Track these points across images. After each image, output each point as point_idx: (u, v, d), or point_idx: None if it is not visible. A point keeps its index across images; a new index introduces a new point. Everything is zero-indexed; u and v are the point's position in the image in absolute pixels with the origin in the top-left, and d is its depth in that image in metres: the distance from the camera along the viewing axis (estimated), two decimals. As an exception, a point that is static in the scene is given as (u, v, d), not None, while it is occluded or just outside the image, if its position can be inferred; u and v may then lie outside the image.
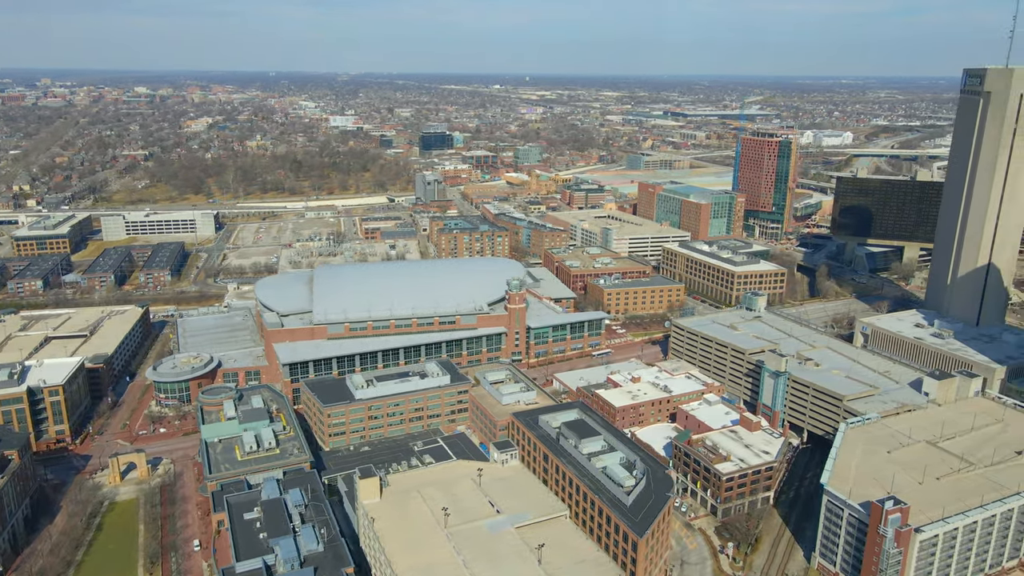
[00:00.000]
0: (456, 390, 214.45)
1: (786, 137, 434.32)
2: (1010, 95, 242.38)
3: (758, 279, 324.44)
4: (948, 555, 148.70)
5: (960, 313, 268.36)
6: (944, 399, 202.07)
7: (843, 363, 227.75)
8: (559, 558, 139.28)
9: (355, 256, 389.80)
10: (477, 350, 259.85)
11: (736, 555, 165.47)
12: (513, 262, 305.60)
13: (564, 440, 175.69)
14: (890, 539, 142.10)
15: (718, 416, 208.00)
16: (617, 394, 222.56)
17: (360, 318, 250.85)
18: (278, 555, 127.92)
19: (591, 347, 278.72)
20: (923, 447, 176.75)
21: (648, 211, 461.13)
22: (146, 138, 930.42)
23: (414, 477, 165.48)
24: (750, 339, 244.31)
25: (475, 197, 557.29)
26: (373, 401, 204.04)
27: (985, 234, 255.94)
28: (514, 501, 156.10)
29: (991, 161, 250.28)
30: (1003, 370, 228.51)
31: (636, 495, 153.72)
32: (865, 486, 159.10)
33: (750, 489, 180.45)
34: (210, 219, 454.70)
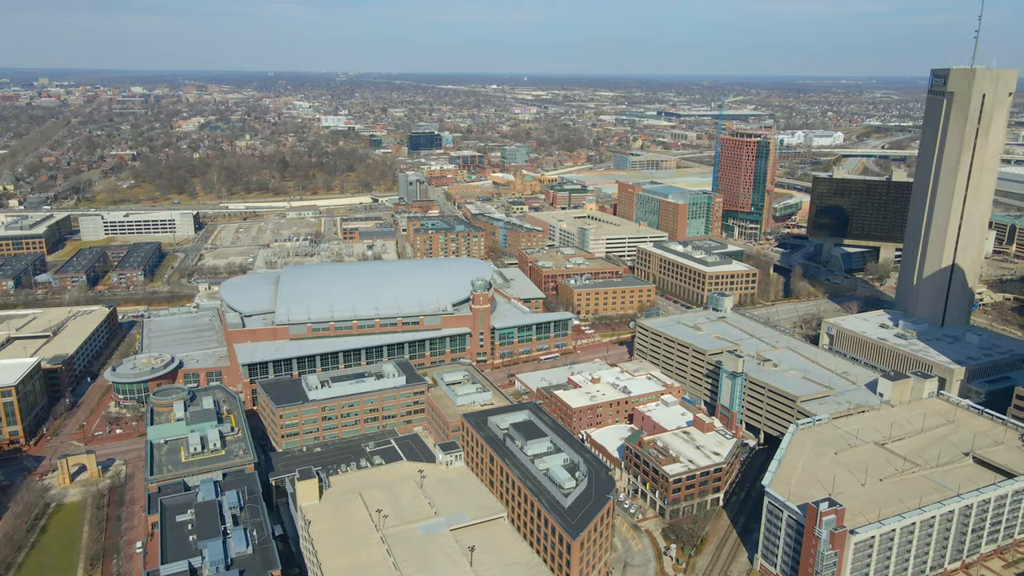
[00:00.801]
0: (412, 391, 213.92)
1: (764, 137, 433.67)
2: (972, 95, 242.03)
3: (729, 279, 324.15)
4: (886, 557, 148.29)
5: (926, 314, 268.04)
6: (898, 400, 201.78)
7: (802, 364, 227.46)
8: (491, 560, 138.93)
9: (332, 256, 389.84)
10: (441, 351, 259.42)
11: (679, 557, 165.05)
12: (481, 262, 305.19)
13: (510, 442, 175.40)
14: (825, 541, 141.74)
15: (674, 417, 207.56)
16: (575, 395, 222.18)
17: (322, 319, 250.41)
18: (205, 557, 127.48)
19: (558, 347, 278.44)
20: (871, 448, 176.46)
21: (628, 211, 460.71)
22: (136, 138, 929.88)
23: (357, 478, 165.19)
24: (712, 340, 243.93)
25: (458, 197, 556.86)
26: (327, 402, 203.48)
27: (949, 234, 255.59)
28: (454, 503, 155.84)
29: (954, 161, 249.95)
30: (962, 371, 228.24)
31: (576, 497, 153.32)
32: (807, 487, 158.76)
33: (699, 491, 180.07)
34: (189, 219, 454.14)
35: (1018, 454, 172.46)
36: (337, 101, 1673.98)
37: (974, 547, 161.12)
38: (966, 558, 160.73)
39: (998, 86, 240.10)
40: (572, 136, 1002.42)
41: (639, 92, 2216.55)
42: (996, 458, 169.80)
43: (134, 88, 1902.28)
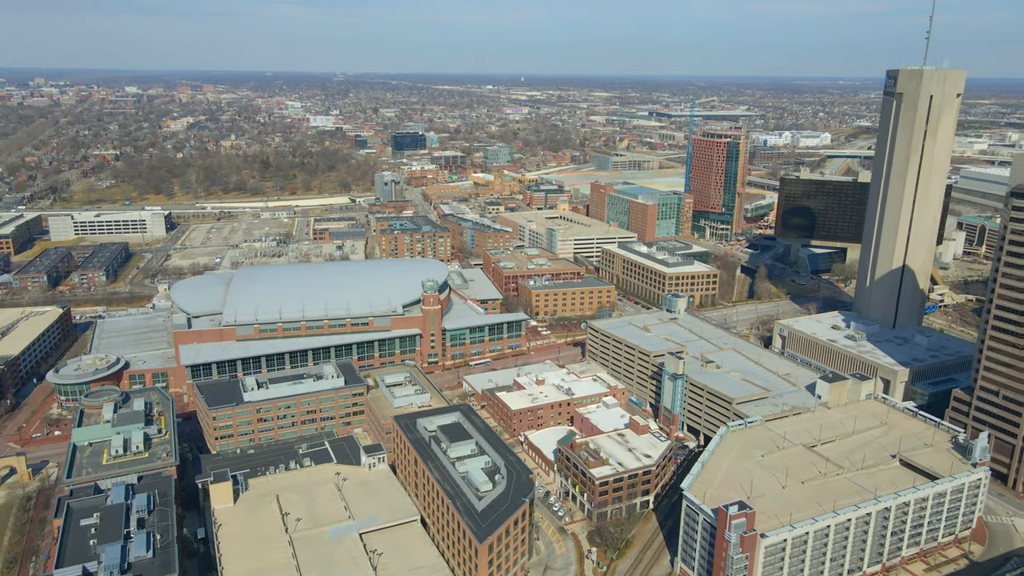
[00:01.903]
0: (351, 392, 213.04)
1: (734, 138, 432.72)
2: (920, 96, 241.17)
3: (690, 280, 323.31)
4: (799, 560, 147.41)
5: (878, 315, 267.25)
6: (835, 402, 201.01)
7: (745, 366, 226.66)
8: (396, 564, 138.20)
9: (299, 257, 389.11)
10: (390, 352, 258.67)
11: (600, 560, 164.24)
12: (438, 263, 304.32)
13: (435, 444, 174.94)
14: (735, 544, 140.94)
15: (613, 419, 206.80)
16: (517, 397, 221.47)
17: (270, 319, 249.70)
18: (101, 562, 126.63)
19: (511, 349, 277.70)
20: (798, 451, 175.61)
21: (600, 212, 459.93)
22: (123, 138, 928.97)
23: (276, 481, 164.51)
24: (659, 341, 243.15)
25: (435, 198, 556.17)
26: (262, 403, 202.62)
27: (899, 236, 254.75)
28: (370, 506, 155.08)
29: (904, 162, 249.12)
30: (907, 372, 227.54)
31: (490, 500, 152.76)
32: (727, 490, 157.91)
33: (627, 493, 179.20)
34: (160, 219, 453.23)
35: (945, 457, 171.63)
36: (330, 101, 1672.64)
37: (895, 550, 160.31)
38: (886, 561, 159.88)
39: (945, 87, 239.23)
40: (559, 136, 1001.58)
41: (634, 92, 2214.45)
42: (922, 461, 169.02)
43: (129, 88, 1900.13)
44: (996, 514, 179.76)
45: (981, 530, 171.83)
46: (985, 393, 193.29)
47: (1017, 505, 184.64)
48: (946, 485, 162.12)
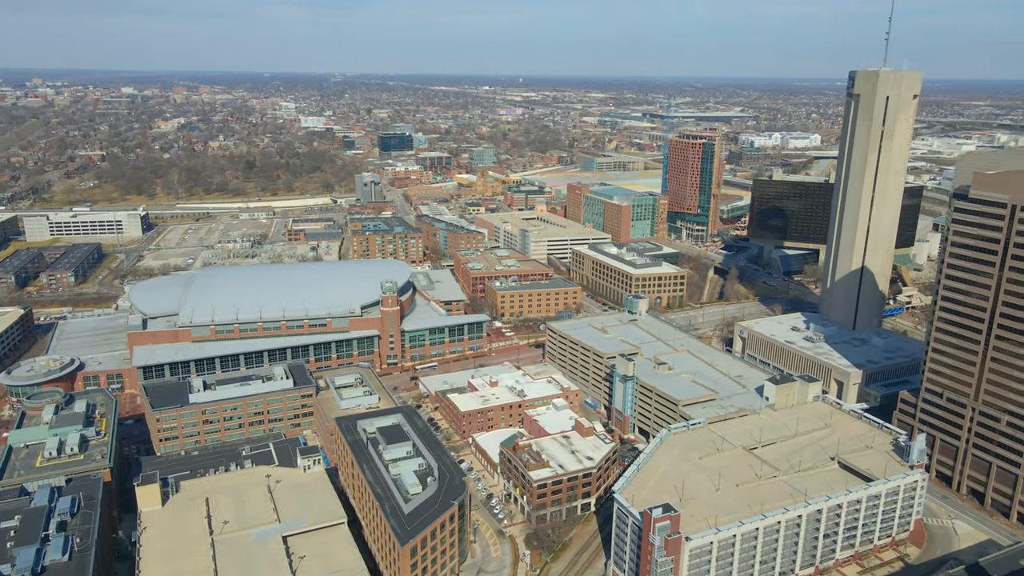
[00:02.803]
0: (300, 394, 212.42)
1: (709, 139, 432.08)
2: (876, 97, 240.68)
3: (657, 281, 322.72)
4: (727, 563, 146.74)
5: (839, 316, 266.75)
6: (783, 404, 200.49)
7: (698, 368, 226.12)
8: (317, 567, 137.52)
9: (272, 258, 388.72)
10: (348, 353, 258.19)
11: (535, 563, 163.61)
12: (400, 264, 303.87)
13: (373, 446, 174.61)
14: (659, 547, 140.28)
15: (561, 421, 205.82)
16: (467, 398, 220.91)
17: (226, 321, 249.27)
18: (15, 565, 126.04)
19: (472, 350, 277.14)
20: (738, 453, 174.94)
21: (576, 213, 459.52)
22: (112, 138, 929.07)
23: (209, 484, 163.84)
24: (615, 343, 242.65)
25: (416, 199, 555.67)
26: (208, 405, 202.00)
27: (858, 237, 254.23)
28: (299, 509, 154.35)
29: (862, 163, 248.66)
30: (860, 374, 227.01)
31: (419, 503, 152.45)
32: (660, 493, 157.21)
33: (566, 496, 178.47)
34: (136, 220, 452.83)
35: (885, 459, 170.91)
36: (324, 102, 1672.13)
37: (828, 553, 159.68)
38: (820, 564, 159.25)
39: (901, 88, 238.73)
40: (548, 137, 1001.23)
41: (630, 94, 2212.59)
42: (859, 463, 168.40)
43: (124, 89, 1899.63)
44: (937, 516, 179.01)
45: (920, 532, 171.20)
46: (930, 395, 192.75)
47: (960, 508, 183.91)
48: (880, 487, 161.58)
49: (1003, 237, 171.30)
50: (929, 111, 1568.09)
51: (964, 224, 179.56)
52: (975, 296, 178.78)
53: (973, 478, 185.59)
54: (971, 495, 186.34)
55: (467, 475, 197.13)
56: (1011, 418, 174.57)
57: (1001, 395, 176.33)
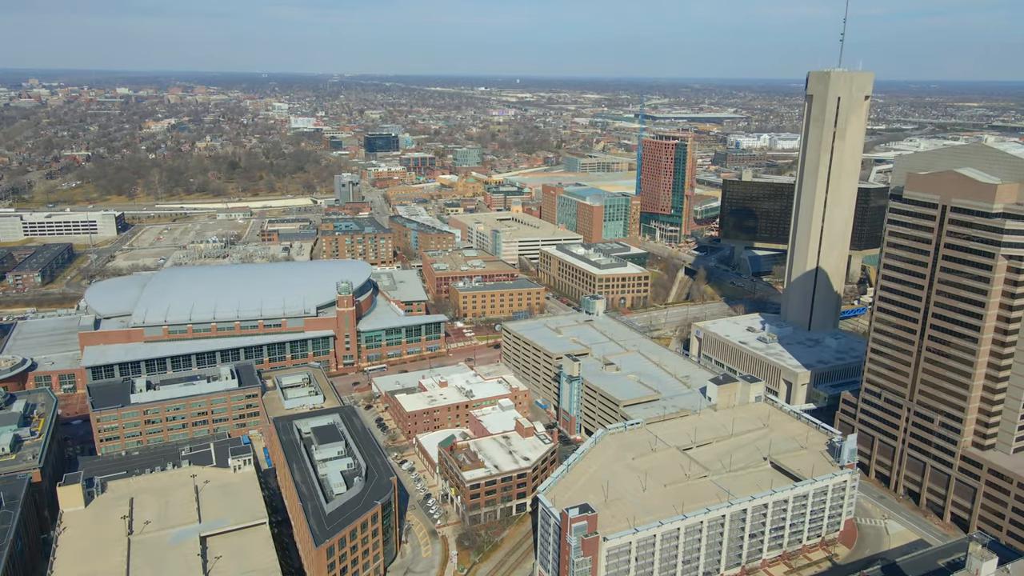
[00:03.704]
0: (244, 394, 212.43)
1: (682, 140, 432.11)
2: (828, 98, 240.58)
3: (620, 282, 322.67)
4: (648, 563, 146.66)
5: (795, 317, 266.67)
6: (725, 404, 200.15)
7: (646, 368, 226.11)
8: (231, 568, 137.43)
9: (243, 258, 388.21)
10: (303, 353, 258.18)
11: (463, 563, 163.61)
12: (362, 264, 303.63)
13: (306, 446, 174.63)
14: (575, 547, 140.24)
15: (504, 422, 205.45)
16: (414, 399, 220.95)
17: (179, 321, 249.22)
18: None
19: (430, 351, 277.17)
20: (672, 453, 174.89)
21: (551, 214, 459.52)
22: (100, 139, 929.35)
23: (136, 484, 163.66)
24: (567, 344, 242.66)
25: (395, 199, 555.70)
26: (150, 405, 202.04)
27: (812, 237, 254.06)
28: (223, 509, 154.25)
29: (815, 163, 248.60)
30: (808, 375, 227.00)
31: (342, 503, 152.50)
32: (586, 493, 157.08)
33: (501, 496, 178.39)
34: (111, 220, 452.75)
35: (817, 459, 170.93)
36: (318, 103, 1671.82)
37: (755, 552, 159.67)
38: (746, 564, 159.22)
39: (852, 89, 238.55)
40: (536, 138, 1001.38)
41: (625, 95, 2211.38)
42: (791, 463, 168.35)
43: (119, 89, 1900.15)
44: (871, 516, 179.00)
45: (851, 532, 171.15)
46: (869, 395, 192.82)
47: (895, 508, 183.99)
48: (807, 487, 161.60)
49: (934, 238, 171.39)
50: (922, 113, 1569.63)
51: (898, 225, 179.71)
52: (909, 296, 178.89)
53: (909, 478, 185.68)
54: (907, 495, 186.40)
55: (409, 475, 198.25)
56: (944, 418, 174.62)
57: (934, 395, 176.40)
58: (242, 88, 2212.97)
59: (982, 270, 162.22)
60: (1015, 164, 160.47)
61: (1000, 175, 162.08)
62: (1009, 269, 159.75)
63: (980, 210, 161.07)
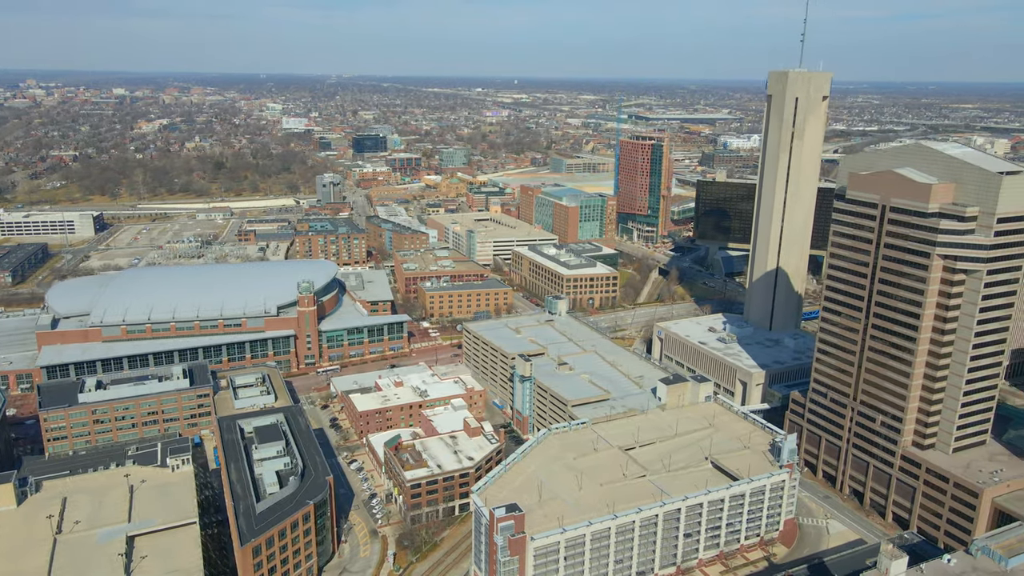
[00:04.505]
0: (196, 393, 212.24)
1: (658, 141, 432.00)
2: (786, 98, 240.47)
3: (588, 282, 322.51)
4: (578, 562, 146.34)
5: (757, 317, 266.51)
6: (674, 404, 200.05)
7: (601, 368, 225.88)
8: (154, 568, 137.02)
9: (218, 258, 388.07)
10: (263, 353, 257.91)
11: (399, 563, 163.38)
12: (328, 264, 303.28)
13: (246, 446, 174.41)
14: (502, 547, 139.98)
15: (455, 422, 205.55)
16: (367, 398, 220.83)
17: (138, 320, 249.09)
18: None
19: (392, 351, 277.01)
20: (613, 453, 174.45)
21: (529, 214, 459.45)
22: (91, 139, 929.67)
23: (72, 484, 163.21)
24: (524, 344, 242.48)
25: (377, 200, 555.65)
26: (98, 405, 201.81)
27: (772, 237, 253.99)
28: (155, 509, 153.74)
29: (775, 163, 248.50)
30: (762, 375, 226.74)
31: (274, 502, 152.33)
32: (521, 493, 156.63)
33: (443, 496, 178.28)
34: (89, 220, 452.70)
35: (758, 459, 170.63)
36: (313, 103, 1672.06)
37: (691, 552, 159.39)
38: (681, 563, 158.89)
39: (810, 89, 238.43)
40: (527, 139, 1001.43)
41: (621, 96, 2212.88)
42: (730, 463, 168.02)
43: (116, 90, 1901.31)
44: (814, 516, 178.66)
45: (792, 532, 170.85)
46: (816, 395, 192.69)
47: (839, 507, 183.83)
48: (744, 487, 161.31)
49: (875, 237, 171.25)
50: (916, 114, 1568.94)
51: (842, 224, 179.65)
52: (853, 296, 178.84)
53: (854, 478, 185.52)
54: (852, 495, 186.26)
55: (357, 475, 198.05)
56: (885, 418, 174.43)
57: (876, 395, 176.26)
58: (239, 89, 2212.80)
59: (919, 270, 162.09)
60: (951, 164, 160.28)
61: (937, 175, 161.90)
62: (945, 269, 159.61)
63: (916, 210, 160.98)
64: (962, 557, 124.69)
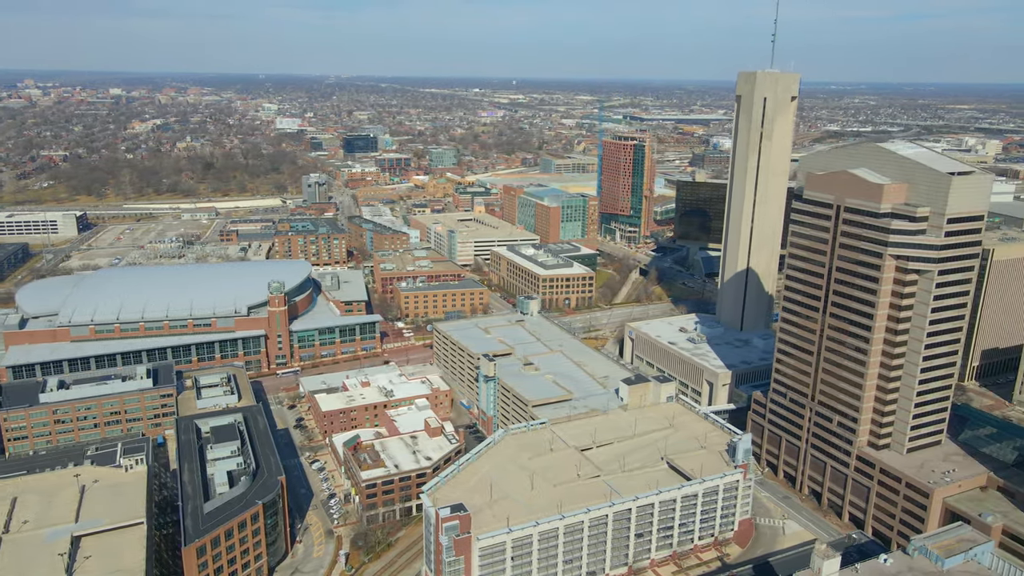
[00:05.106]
0: (160, 393, 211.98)
1: (640, 141, 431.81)
2: (755, 98, 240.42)
3: (565, 282, 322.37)
4: (525, 562, 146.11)
5: (728, 317, 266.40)
6: (636, 404, 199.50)
7: (566, 368, 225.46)
8: (98, 568, 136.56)
9: (199, 258, 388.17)
10: (233, 353, 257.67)
11: (352, 563, 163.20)
12: (302, 264, 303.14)
13: (202, 446, 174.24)
14: (447, 547, 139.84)
15: (416, 422, 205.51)
16: (331, 398, 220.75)
17: (107, 320, 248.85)
18: None
19: (364, 351, 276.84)
20: (570, 453, 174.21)
21: (512, 214, 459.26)
22: (83, 139, 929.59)
23: (24, 483, 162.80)
24: (493, 344, 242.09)
25: (363, 200, 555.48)
26: (60, 405, 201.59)
27: (743, 237, 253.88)
28: (104, 509, 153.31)
29: (744, 164, 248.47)
30: (728, 375, 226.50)
31: (222, 502, 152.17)
32: (473, 493, 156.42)
33: (399, 496, 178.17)
34: (72, 220, 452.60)
35: (714, 459, 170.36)
36: (309, 104, 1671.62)
37: (643, 552, 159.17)
38: (633, 564, 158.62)
39: (778, 89, 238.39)
40: (519, 139, 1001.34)
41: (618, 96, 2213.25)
42: (684, 463, 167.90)
43: (113, 90, 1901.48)
44: (772, 516, 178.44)
45: (747, 532, 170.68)
46: (776, 396, 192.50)
47: (798, 508, 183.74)
48: (697, 487, 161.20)
49: (830, 238, 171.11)
50: (912, 115, 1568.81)
51: (799, 225, 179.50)
52: (810, 296, 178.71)
53: (812, 478, 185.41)
54: (811, 495, 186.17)
55: (318, 475, 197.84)
56: (841, 418, 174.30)
57: (833, 395, 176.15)
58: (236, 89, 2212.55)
59: (872, 270, 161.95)
60: (904, 164, 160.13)
61: (891, 176, 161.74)
62: (897, 269, 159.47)
63: (869, 210, 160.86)
64: (899, 557, 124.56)
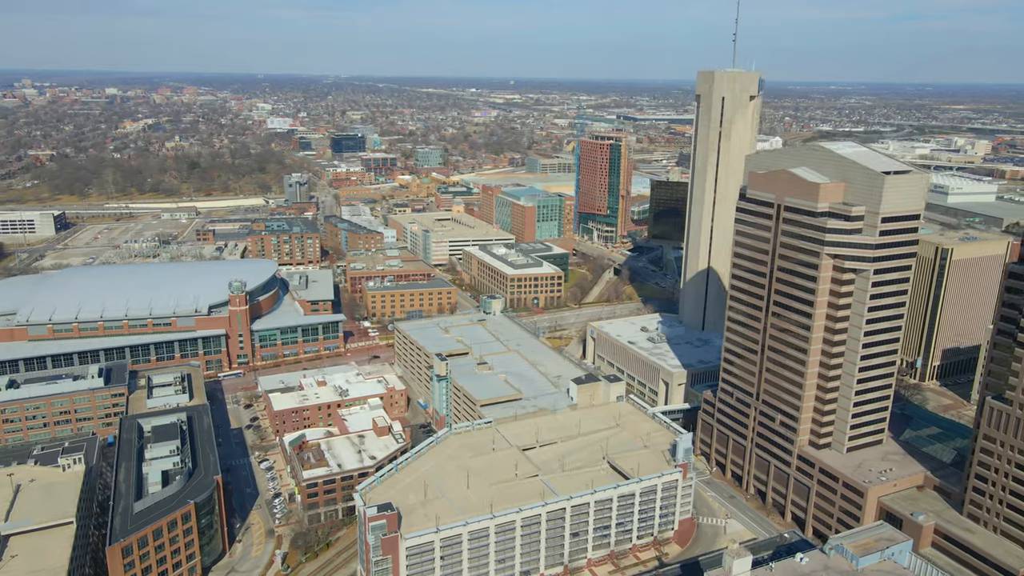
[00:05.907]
0: (111, 393, 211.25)
1: (616, 140, 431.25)
2: (713, 98, 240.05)
3: (534, 281, 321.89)
4: (455, 562, 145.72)
5: (690, 317, 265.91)
6: (586, 404, 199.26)
7: (520, 368, 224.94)
8: (20, 567, 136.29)
9: (173, 257, 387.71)
10: (193, 352, 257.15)
11: (289, 562, 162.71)
12: (267, 263, 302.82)
13: (142, 445, 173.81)
14: (375, 546, 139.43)
15: (366, 421, 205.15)
16: (284, 397, 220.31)
17: (65, 319, 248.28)
18: None
19: (328, 350, 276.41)
20: (511, 453, 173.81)
21: (489, 214, 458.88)
22: (73, 139, 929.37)
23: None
24: (451, 343, 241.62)
25: (345, 199, 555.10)
26: (7, 404, 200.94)
27: (703, 237, 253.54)
28: (36, 508, 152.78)
29: (704, 163, 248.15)
30: (684, 375, 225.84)
31: (153, 502, 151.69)
32: (408, 493, 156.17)
33: (342, 495, 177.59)
34: (49, 220, 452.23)
35: (654, 459, 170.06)
36: (304, 104, 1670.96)
37: (579, 552, 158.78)
38: (569, 563, 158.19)
39: (736, 89, 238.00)
40: (510, 139, 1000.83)
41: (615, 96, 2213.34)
42: (624, 463, 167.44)
43: (108, 90, 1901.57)
44: (715, 516, 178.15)
45: (688, 531, 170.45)
46: (724, 395, 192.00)
47: (743, 507, 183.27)
48: (634, 486, 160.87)
49: (772, 237, 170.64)
50: (906, 115, 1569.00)
51: (743, 224, 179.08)
52: (753, 296, 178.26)
53: (757, 478, 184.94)
54: (757, 494, 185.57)
55: (266, 474, 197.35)
56: (783, 417, 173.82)
57: (775, 395, 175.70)
58: (232, 89, 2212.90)
59: (810, 269, 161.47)
60: (841, 163, 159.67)
61: (829, 175, 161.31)
62: (835, 268, 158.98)
63: (807, 209, 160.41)
64: (816, 556, 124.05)
